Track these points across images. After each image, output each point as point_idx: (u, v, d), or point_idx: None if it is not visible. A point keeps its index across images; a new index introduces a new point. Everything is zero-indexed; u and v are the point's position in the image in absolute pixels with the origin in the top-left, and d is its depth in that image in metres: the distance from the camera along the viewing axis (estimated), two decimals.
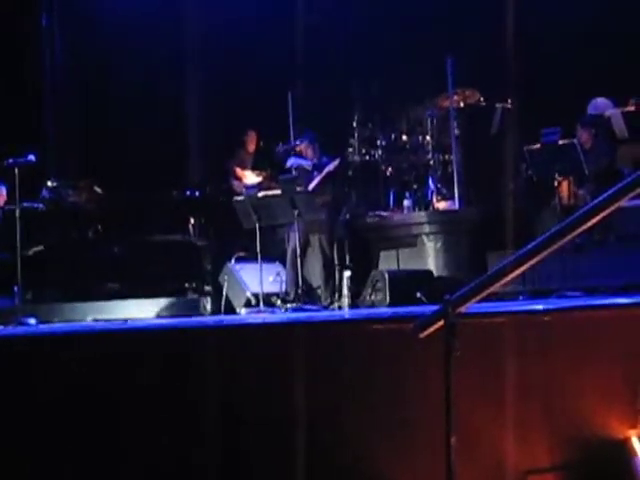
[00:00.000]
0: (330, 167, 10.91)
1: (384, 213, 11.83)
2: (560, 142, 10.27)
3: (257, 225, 10.24)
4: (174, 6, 14.18)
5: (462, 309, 3.50)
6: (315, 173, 10.96)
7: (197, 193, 11.85)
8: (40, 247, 10.81)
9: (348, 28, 13.52)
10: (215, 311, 10.58)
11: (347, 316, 8.58)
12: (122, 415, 4.88)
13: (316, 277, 11.01)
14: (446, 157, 11.87)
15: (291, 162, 11.42)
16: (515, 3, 11.44)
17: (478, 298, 3.51)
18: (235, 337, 5.45)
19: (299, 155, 11.39)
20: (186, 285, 11.18)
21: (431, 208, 11.58)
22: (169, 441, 4.92)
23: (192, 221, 11.08)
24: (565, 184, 10.33)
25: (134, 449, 4.87)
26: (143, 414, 4.91)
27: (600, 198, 3.36)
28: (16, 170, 8.82)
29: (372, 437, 5.18)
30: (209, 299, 10.82)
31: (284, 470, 5.04)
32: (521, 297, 9.06)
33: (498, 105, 11.97)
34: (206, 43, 13.78)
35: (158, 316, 10.23)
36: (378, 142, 12.35)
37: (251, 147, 13.61)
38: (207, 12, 14.08)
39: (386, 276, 10.10)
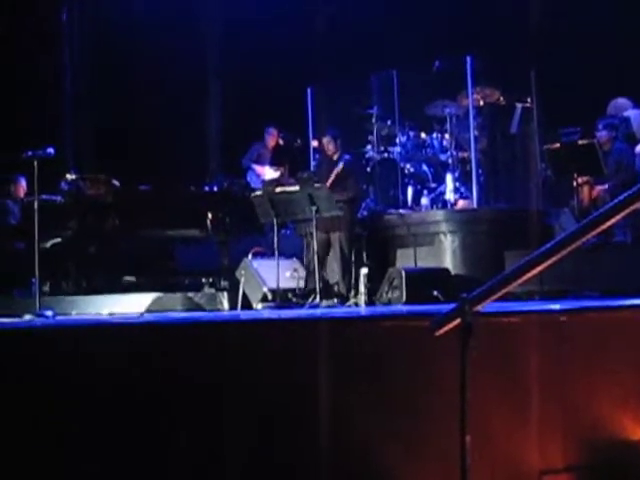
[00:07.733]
0: (337, 169, 10.93)
1: (402, 211, 11.81)
2: (580, 142, 10.25)
3: (275, 220, 10.25)
4: (193, 3, 14.23)
5: (479, 308, 3.49)
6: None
7: (215, 188, 11.86)
8: (58, 239, 10.85)
9: (368, 25, 13.52)
10: (232, 306, 10.59)
11: (363, 313, 8.57)
12: (138, 408, 4.89)
13: (334, 274, 11.00)
14: (465, 155, 11.84)
15: None
16: (536, 2, 11.43)
17: (495, 297, 3.50)
18: (252, 332, 5.45)
19: None
20: (203, 280, 11.19)
21: (449, 206, 11.57)
22: (186, 437, 4.93)
23: (210, 216, 11.07)
24: (584, 184, 10.29)
25: (150, 441, 4.88)
26: (159, 407, 4.92)
27: (619, 199, 3.35)
28: (35, 162, 8.84)
29: (386, 435, 5.18)
30: (226, 294, 10.81)
31: (300, 464, 5.05)
32: (537, 297, 9.03)
33: (518, 104, 11.93)
34: (225, 39, 13.83)
35: (174, 310, 10.24)
36: (397, 139, 12.33)
37: (271, 143, 13.66)
38: (226, 8, 14.13)
39: (403, 274, 10.08)
